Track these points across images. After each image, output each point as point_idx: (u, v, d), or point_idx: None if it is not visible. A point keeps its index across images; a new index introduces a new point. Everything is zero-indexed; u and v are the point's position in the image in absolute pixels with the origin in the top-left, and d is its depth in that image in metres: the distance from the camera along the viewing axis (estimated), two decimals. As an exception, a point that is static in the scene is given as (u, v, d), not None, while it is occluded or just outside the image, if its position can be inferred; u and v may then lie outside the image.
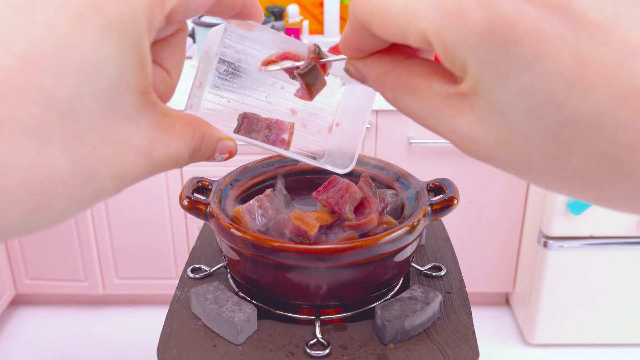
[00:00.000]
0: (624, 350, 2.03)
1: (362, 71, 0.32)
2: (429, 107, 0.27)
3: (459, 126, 0.26)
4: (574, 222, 1.80)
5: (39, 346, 2.09)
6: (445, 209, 0.78)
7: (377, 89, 0.31)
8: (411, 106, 0.28)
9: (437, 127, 0.27)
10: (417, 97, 0.28)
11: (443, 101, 0.27)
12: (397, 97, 0.29)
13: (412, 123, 1.87)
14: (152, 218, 2.04)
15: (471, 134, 0.26)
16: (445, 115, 0.27)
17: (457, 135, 0.26)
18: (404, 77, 0.29)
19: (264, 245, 0.69)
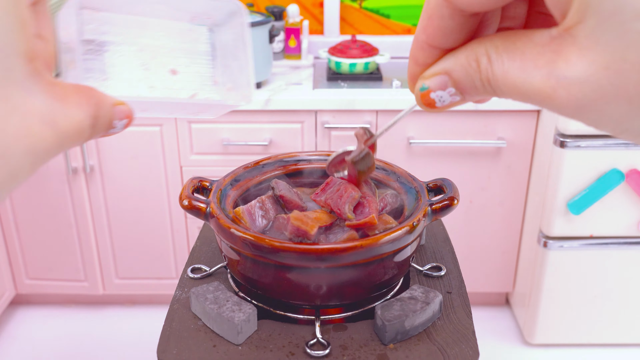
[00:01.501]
0: (624, 350, 2.03)
1: (444, 67, 0.31)
2: (524, 62, 0.27)
3: (557, 69, 0.25)
4: (574, 222, 1.80)
5: (39, 346, 2.09)
6: (445, 209, 0.78)
7: (468, 67, 0.30)
8: (504, 67, 0.28)
9: (530, 82, 0.27)
10: (512, 55, 0.27)
11: (542, 50, 0.26)
12: (492, 61, 0.28)
13: (412, 123, 1.87)
14: (152, 218, 2.04)
15: (571, 72, 0.25)
16: (542, 65, 0.26)
17: (552, 81, 0.26)
18: (499, 40, 0.28)
19: (264, 245, 0.69)
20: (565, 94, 0.26)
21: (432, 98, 0.32)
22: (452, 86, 0.31)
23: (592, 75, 0.24)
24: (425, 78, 0.32)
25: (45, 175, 1.97)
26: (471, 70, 0.29)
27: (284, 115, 1.87)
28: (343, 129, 1.87)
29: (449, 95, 0.31)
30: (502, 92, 0.29)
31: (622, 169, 1.73)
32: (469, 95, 0.31)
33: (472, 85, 0.30)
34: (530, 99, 0.27)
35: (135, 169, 1.96)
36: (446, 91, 0.31)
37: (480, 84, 0.29)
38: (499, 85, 0.28)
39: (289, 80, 2.02)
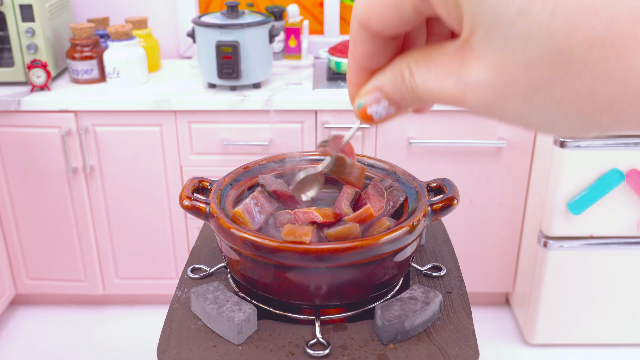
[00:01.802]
0: (624, 350, 2.03)
1: (376, 84, 0.34)
2: (438, 71, 0.30)
3: (462, 75, 0.28)
4: (574, 222, 1.80)
5: (39, 346, 2.09)
6: (445, 209, 0.78)
7: (395, 80, 0.33)
8: (423, 77, 0.31)
9: (444, 88, 0.30)
10: (428, 65, 0.31)
11: (451, 60, 0.29)
12: (413, 73, 0.31)
13: (412, 123, 1.87)
14: (152, 218, 2.04)
15: (472, 77, 0.28)
16: (452, 73, 0.29)
17: (460, 86, 0.29)
18: (418, 54, 0.32)
19: (264, 246, 0.69)
20: (472, 96, 0.29)
21: (369, 113, 0.35)
22: (385, 99, 0.34)
23: (488, 78, 0.27)
24: (361, 96, 0.35)
25: (45, 175, 1.97)
26: (398, 83, 0.33)
27: (284, 115, 1.87)
28: (343, 129, 1.87)
29: (383, 108, 0.34)
30: (425, 99, 0.32)
31: (622, 169, 1.73)
32: (402, 106, 0.34)
33: (401, 96, 0.33)
34: (447, 103, 0.31)
35: (135, 169, 1.96)
36: (380, 105, 0.34)
37: (407, 94, 0.32)
38: (421, 93, 0.31)
39: (289, 80, 2.02)
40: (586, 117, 0.26)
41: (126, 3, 2.28)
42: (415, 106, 0.34)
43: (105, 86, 1.97)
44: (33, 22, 1.88)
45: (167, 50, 2.34)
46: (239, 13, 1.87)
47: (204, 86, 1.94)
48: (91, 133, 1.91)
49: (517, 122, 0.29)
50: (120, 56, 1.92)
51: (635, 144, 1.70)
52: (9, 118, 1.88)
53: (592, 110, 0.26)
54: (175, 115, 1.88)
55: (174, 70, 2.15)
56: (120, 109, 1.86)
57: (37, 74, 1.89)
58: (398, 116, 0.35)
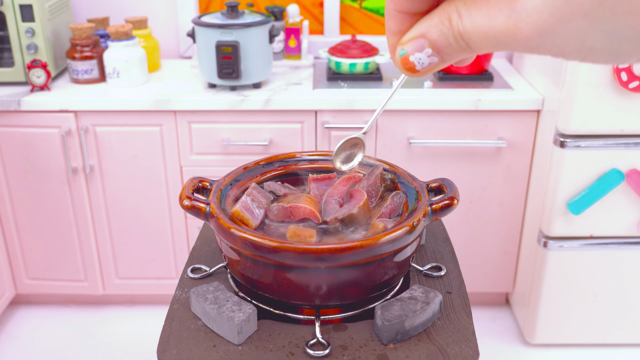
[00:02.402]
0: (624, 350, 2.03)
1: (420, 30, 0.32)
2: (489, 9, 0.29)
3: (516, 5, 0.27)
4: (574, 222, 1.80)
5: (39, 346, 2.09)
6: (445, 209, 0.78)
7: (442, 26, 0.31)
8: (472, 18, 0.30)
9: (495, 24, 0.29)
10: (479, 5, 0.29)
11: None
12: (462, 15, 0.30)
13: (412, 123, 1.87)
14: (152, 218, 2.04)
15: (527, 3, 0.27)
16: (504, 7, 0.28)
17: (514, 17, 0.27)
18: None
19: (264, 246, 0.69)
20: (527, 25, 0.27)
21: (411, 61, 0.33)
22: (429, 47, 0.32)
23: (547, 0, 0.26)
24: (403, 43, 0.33)
25: (45, 175, 1.97)
26: (444, 29, 0.31)
27: (284, 115, 1.87)
28: (343, 129, 1.87)
29: (426, 56, 0.33)
30: (473, 42, 0.30)
31: (622, 169, 1.73)
32: (446, 55, 0.32)
33: (447, 43, 0.31)
34: (498, 41, 0.29)
35: (135, 169, 1.96)
36: (424, 52, 0.33)
37: (454, 40, 0.31)
38: (470, 36, 0.30)
39: (289, 80, 2.02)
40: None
41: (126, 3, 2.28)
42: (460, 55, 0.32)
43: (105, 86, 1.97)
44: (33, 22, 1.88)
45: (167, 50, 2.34)
46: (239, 13, 1.87)
47: (204, 86, 1.94)
48: (91, 133, 1.91)
49: (578, 47, 0.27)
50: (120, 56, 1.92)
51: (635, 144, 1.70)
52: (9, 118, 1.88)
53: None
54: (175, 115, 1.88)
55: (174, 70, 2.15)
56: (120, 109, 1.86)
57: (37, 74, 1.89)
58: (440, 67, 0.34)
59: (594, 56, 0.27)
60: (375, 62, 2.01)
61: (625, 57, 0.27)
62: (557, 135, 1.73)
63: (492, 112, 1.85)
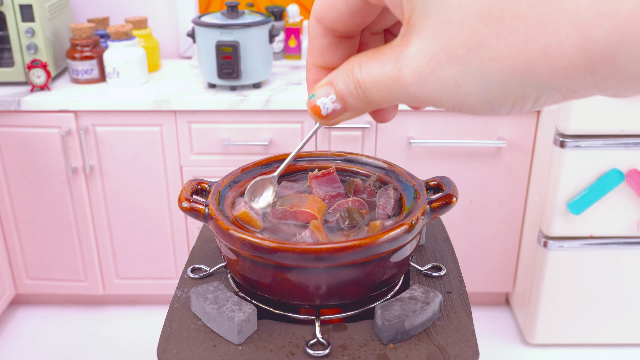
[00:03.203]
0: (624, 350, 2.03)
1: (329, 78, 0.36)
2: (382, 59, 0.32)
3: (402, 54, 0.30)
4: (574, 222, 1.80)
5: (39, 346, 2.09)
6: (444, 207, 0.78)
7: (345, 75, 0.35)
8: (370, 68, 0.33)
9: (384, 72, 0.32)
10: (376, 57, 0.33)
11: (395, 47, 0.31)
12: (362, 66, 0.33)
13: (412, 123, 1.87)
14: (152, 218, 2.04)
15: (410, 51, 0.29)
16: (394, 57, 0.31)
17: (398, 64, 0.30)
18: (370, 51, 0.34)
19: (263, 246, 0.69)
20: (408, 70, 0.30)
21: (317, 105, 0.37)
22: (333, 93, 0.36)
23: (425, 47, 0.28)
24: (314, 89, 0.37)
25: (45, 175, 1.97)
26: (347, 78, 0.35)
27: (284, 115, 1.87)
28: (343, 129, 1.87)
29: (331, 102, 0.36)
30: (368, 90, 0.33)
31: (622, 169, 1.73)
32: (347, 103, 0.36)
33: (348, 91, 0.35)
34: (387, 88, 0.32)
35: (135, 169, 1.96)
36: (328, 98, 0.36)
37: (354, 88, 0.34)
38: (366, 84, 0.33)
39: (289, 80, 2.02)
40: (523, 71, 0.26)
41: (126, 3, 2.28)
42: (361, 105, 0.35)
43: (105, 86, 1.97)
44: (33, 22, 1.88)
45: (167, 50, 2.34)
46: (239, 13, 1.87)
47: (204, 86, 1.94)
48: (91, 133, 1.91)
49: (453, 95, 0.29)
50: (120, 56, 1.92)
51: (635, 144, 1.70)
52: (9, 118, 1.88)
53: (527, 62, 0.26)
54: (175, 115, 1.88)
55: (174, 70, 2.15)
56: (120, 109, 1.86)
57: (37, 74, 1.89)
58: (346, 118, 0.37)
59: (469, 102, 0.29)
60: (375, 62, 2.01)
61: (497, 103, 0.28)
62: (557, 135, 1.73)
63: (492, 112, 1.85)
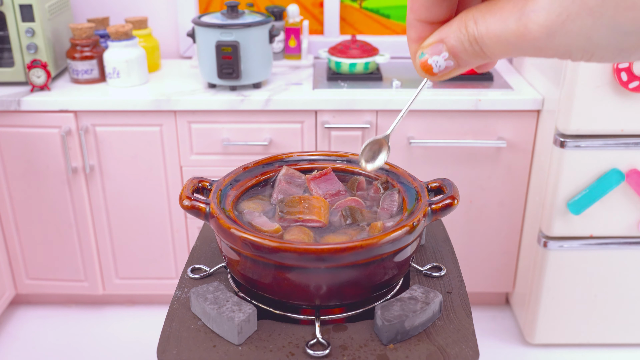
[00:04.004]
0: (624, 350, 2.03)
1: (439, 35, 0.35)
2: (502, 14, 0.31)
3: (526, 8, 0.29)
4: (574, 222, 1.80)
5: (39, 346, 2.09)
6: (445, 209, 0.78)
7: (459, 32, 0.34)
8: (487, 24, 0.32)
9: (507, 28, 0.31)
10: (493, 12, 0.32)
11: (515, 2, 0.30)
12: (477, 22, 0.33)
13: (412, 123, 1.87)
14: (152, 218, 2.04)
15: (538, 4, 0.29)
16: (516, 11, 0.30)
17: (523, 19, 0.29)
18: (483, 6, 0.33)
19: (264, 246, 0.69)
20: (536, 26, 0.29)
21: (429, 64, 0.36)
22: (446, 51, 0.35)
23: (554, 1, 0.28)
24: (423, 48, 0.36)
25: (45, 175, 1.97)
26: (461, 35, 0.34)
27: (284, 115, 1.87)
28: (343, 129, 1.87)
29: (443, 60, 0.36)
30: (487, 46, 0.33)
31: (622, 169, 1.73)
32: (461, 60, 0.35)
33: (462, 47, 0.34)
34: (509, 43, 0.31)
35: (135, 169, 1.96)
36: (441, 56, 0.35)
37: (469, 45, 0.34)
38: (484, 40, 0.33)
39: (289, 80, 2.02)
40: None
41: (126, 3, 2.28)
42: (475, 60, 0.35)
43: (105, 86, 1.97)
44: (33, 22, 1.88)
45: (167, 50, 2.34)
46: (239, 13, 1.87)
47: (203, 86, 1.94)
48: (91, 133, 1.91)
49: (583, 46, 0.28)
50: (120, 56, 1.92)
51: (635, 144, 1.70)
52: (9, 118, 1.88)
53: None
54: (175, 115, 1.88)
55: (174, 70, 2.15)
56: (120, 109, 1.86)
57: (37, 74, 1.89)
58: (457, 73, 0.36)
59: (600, 53, 0.29)
60: (375, 62, 2.01)
61: (629, 51, 0.28)
62: (557, 135, 1.73)
63: (492, 112, 1.85)
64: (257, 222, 0.78)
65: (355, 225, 0.77)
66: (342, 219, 0.78)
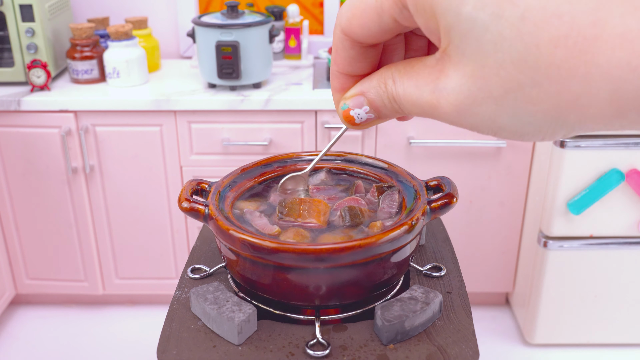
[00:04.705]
0: (624, 350, 2.03)
1: (361, 89, 0.36)
2: (418, 81, 0.32)
3: (439, 84, 0.31)
4: (574, 222, 1.80)
5: (39, 346, 2.09)
6: (444, 208, 0.78)
7: (378, 88, 0.35)
8: (404, 86, 0.33)
9: (422, 96, 0.32)
10: (410, 76, 0.33)
11: (430, 70, 0.31)
12: (396, 82, 0.34)
13: (412, 123, 1.87)
14: (152, 218, 2.04)
15: (448, 84, 0.30)
16: (430, 82, 0.31)
17: (436, 94, 0.31)
18: (401, 65, 0.34)
19: (263, 247, 0.69)
20: (446, 103, 0.30)
21: (351, 115, 0.37)
22: (367, 105, 0.36)
23: (464, 84, 0.29)
24: (345, 99, 0.37)
25: (45, 175, 1.97)
26: (380, 91, 0.35)
27: (284, 115, 1.87)
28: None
29: (365, 112, 0.37)
30: (404, 107, 0.34)
31: (622, 169, 1.73)
32: (382, 113, 0.36)
33: (382, 103, 0.35)
34: (423, 111, 0.33)
35: (135, 169, 1.96)
36: (362, 109, 0.37)
37: (388, 102, 0.35)
38: (401, 101, 0.34)
39: (289, 80, 2.02)
40: (554, 116, 0.28)
41: (126, 3, 2.28)
42: (394, 115, 0.36)
43: (105, 86, 1.97)
44: (33, 22, 1.88)
45: (167, 50, 2.34)
46: (239, 13, 1.87)
47: (203, 86, 1.94)
48: (91, 133, 1.91)
49: (488, 126, 0.30)
50: (120, 56, 1.92)
51: (635, 144, 1.70)
52: (9, 118, 1.88)
53: (559, 108, 0.27)
54: (175, 115, 1.88)
55: (174, 70, 2.15)
56: (120, 109, 1.86)
57: (37, 74, 1.89)
58: (377, 123, 0.37)
59: (503, 133, 0.30)
60: (375, 62, 2.01)
61: (529, 137, 0.30)
62: (557, 135, 1.73)
63: (492, 112, 1.85)
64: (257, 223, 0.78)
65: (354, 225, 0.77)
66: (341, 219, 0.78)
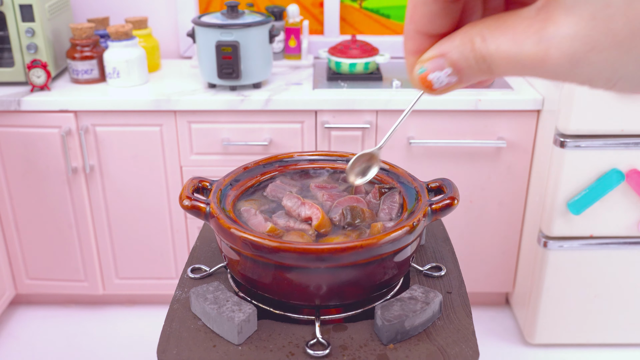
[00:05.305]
0: (624, 350, 2.03)
1: (441, 49, 0.33)
2: (515, 34, 0.29)
3: (547, 33, 0.27)
4: (574, 222, 1.80)
5: (39, 346, 2.09)
6: (445, 209, 0.78)
7: (463, 47, 0.32)
8: (497, 42, 0.30)
9: (522, 50, 0.29)
10: (504, 31, 0.30)
11: (531, 22, 0.28)
12: (486, 39, 0.30)
13: (412, 123, 1.87)
14: (152, 218, 2.04)
15: (560, 31, 0.27)
16: (532, 33, 0.28)
17: (543, 44, 0.27)
18: (491, 21, 0.30)
19: (264, 246, 0.69)
20: (558, 52, 0.27)
21: (429, 80, 0.34)
22: (449, 66, 0.33)
23: (581, 29, 0.26)
24: (422, 61, 0.34)
25: (45, 175, 1.97)
26: (466, 50, 0.31)
27: (284, 115, 1.87)
28: (343, 129, 1.87)
29: (445, 75, 0.33)
30: (496, 66, 0.30)
31: (622, 169, 1.73)
32: (465, 76, 0.33)
33: (467, 64, 0.32)
34: (524, 66, 0.29)
35: (135, 169, 1.96)
36: (443, 72, 0.33)
37: (475, 62, 0.31)
38: (494, 59, 0.30)
39: (289, 80, 2.02)
40: None
41: (126, 3, 2.28)
42: (479, 77, 0.33)
43: (105, 86, 1.97)
44: (33, 22, 1.88)
45: (167, 50, 2.34)
46: (239, 13, 1.87)
47: (203, 86, 1.94)
48: (91, 133, 1.91)
49: (607, 77, 0.27)
50: (120, 56, 1.92)
51: (635, 144, 1.70)
52: (9, 118, 1.88)
53: None
54: (175, 115, 1.88)
55: (174, 70, 2.15)
56: (120, 109, 1.86)
57: (37, 74, 1.89)
58: (457, 88, 0.34)
59: (622, 85, 0.28)
60: (375, 62, 2.01)
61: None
62: (557, 135, 1.73)
63: (492, 112, 1.85)
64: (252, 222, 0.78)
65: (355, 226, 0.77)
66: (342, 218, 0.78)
